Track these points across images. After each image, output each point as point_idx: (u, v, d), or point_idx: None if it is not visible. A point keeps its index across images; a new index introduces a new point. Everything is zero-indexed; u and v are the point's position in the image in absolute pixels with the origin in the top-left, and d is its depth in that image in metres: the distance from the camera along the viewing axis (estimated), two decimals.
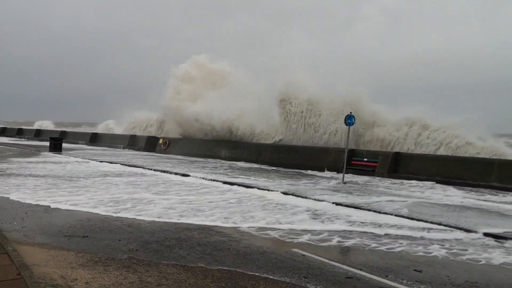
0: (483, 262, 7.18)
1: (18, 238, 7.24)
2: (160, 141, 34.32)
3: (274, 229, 8.92)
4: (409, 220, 10.22)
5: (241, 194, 13.37)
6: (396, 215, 10.61)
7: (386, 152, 21.50)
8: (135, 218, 9.35)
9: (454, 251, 7.77)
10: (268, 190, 13.98)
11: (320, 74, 31.48)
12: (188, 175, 17.59)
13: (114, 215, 9.61)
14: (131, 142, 38.00)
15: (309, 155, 23.81)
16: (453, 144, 22.68)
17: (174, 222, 9.13)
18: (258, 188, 14.42)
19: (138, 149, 35.59)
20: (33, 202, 10.65)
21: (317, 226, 9.35)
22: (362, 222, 9.91)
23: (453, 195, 14.79)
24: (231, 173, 19.10)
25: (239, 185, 15.17)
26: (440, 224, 9.80)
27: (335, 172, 21.27)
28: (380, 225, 9.66)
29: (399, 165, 20.08)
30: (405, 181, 18.44)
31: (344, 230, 9.05)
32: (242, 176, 17.94)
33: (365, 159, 21.16)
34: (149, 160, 25.12)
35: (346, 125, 17.58)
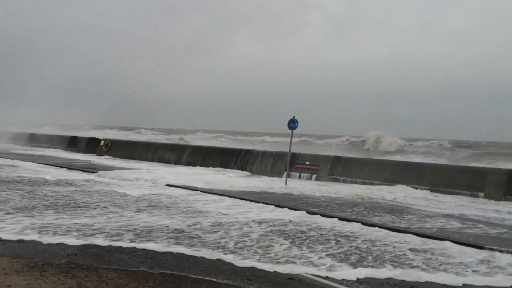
0: None
1: None
2: (102, 142, 33.44)
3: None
4: None
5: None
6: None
7: (327, 156, 22.01)
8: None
9: None
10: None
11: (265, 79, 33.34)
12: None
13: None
14: (71, 143, 36.81)
15: (253, 157, 23.98)
16: None
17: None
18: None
19: (79, 151, 34.52)
20: None
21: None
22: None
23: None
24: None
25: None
26: None
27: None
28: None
29: (339, 168, 20.62)
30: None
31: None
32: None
33: (307, 163, 21.57)
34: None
35: (289, 128, 17.86)
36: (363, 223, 10.27)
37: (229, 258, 6.95)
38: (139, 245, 7.39)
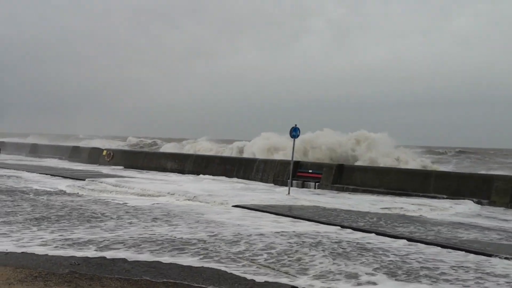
0: None
1: None
2: (104, 152, 33.51)
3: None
4: None
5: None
6: None
7: (330, 164, 22.00)
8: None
9: None
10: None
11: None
12: None
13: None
14: (73, 153, 36.90)
15: (255, 166, 23.95)
16: None
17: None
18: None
19: (81, 161, 34.58)
20: None
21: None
22: None
23: None
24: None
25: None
26: None
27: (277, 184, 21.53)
28: None
29: (342, 176, 20.58)
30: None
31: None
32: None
33: (310, 171, 21.54)
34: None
35: (291, 137, 17.85)
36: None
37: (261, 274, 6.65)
38: (175, 260, 7.19)
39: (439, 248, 8.89)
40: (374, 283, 6.42)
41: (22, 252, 7.21)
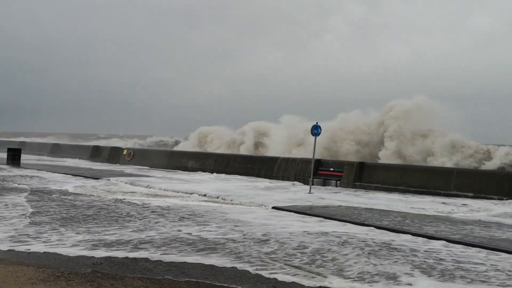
0: None
1: None
2: (124, 152, 33.78)
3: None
4: None
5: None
6: None
7: (351, 162, 21.77)
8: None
9: None
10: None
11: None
12: None
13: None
14: (94, 153, 37.27)
15: (277, 165, 23.84)
16: None
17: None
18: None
19: (102, 160, 34.90)
20: None
21: None
22: None
23: None
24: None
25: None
26: None
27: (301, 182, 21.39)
28: None
29: (363, 174, 20.34)
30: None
31: None
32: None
33: (331, 169, 21.35)
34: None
35: (312, 135, 17.71)
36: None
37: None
38: (200, 260, 7.05)
39: (477, 248, 8.63)
40: (410, 284, 6.23)
41: (44, 252, 7.21)
